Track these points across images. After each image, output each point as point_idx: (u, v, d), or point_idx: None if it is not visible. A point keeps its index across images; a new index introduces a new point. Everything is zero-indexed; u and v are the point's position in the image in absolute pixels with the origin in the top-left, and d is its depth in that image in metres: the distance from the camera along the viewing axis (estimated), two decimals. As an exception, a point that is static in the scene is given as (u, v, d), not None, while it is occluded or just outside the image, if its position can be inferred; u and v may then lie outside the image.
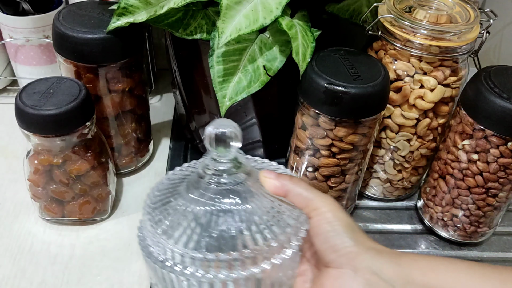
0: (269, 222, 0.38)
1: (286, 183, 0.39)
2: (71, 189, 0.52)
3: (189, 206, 0.39)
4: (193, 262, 0.36)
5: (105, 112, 0.57)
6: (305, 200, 0.39)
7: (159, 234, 0.37)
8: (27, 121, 0.47)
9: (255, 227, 0.38)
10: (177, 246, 0.36)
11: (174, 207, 0.39)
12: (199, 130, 0.63)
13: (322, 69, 0.47)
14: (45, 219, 0.55)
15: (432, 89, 0.51)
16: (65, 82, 0.50)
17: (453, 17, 0.51)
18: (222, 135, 0.38)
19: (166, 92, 0.78)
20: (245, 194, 0.39)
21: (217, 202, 0.38)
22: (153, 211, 0.39)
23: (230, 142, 0.38)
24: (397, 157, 0.57)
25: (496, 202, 0.53)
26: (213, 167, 0.39)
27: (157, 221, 0.38)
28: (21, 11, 0.68)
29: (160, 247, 0.37)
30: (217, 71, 0.48)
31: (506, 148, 0.48)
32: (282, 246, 0.38)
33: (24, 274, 0.50)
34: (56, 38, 0.52)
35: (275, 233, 0.38)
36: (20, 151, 0.62)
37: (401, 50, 0.50)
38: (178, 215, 0.38)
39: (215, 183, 0.39)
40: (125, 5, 0.48)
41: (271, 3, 0.46)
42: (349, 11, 0.54)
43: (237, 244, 0.37)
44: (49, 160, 0.50)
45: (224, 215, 0.38)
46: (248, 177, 0.40)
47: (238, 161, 0.40)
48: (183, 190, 0.40)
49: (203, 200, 0.39)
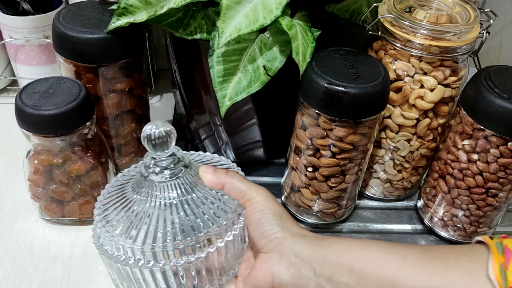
0: (211, 210, 0.42)
1: (222, 177, 0.43)
2: (71, 189, 0.52)
3: (136, 204, 0.42)
4: (143, 254, 0.40)
5: (105, 112, 0.57)
6: (240, 191, 0.43)
7: (109, 232, 0.41)
8: (27, 121, 0.47)
9: (199, 216, 0.42)
10: (127, 241, 0.40)
11: (123, 206, 0.43)
12: (199, 130, 0.63)
13: (322, 69, 0.47)
14: (45, 219, 0.55)
15: (432, 89, 0.51)
16: (65, 82, 0.50)
17: (453, 17, 0.51)
18: (156, 135, 0.41)
19: (166, 92, 0.78)
20: (187, 186, 0.43)
21: (160, 197, 0.42)
22: (103, 212, 0.43)
23: (165, 140, 0.42)
24: (397, 157, 0.57)
25: (496, 202, 0.53)
26: (153, 165, 0.43)
27: (108, 221, 0.42)
28: (21, 11, 0.68)
29: (113, 244, 0.41)
30: (217, 71, 0.48)
31: (506, 148, 0.48)
32: (225, 231, 0.42)
33: (24, 274, 0.50)
34: (56, 38, 0.52)
35: (217, 220, 0.42)
36: (20, 151, 0.62)
37: (401, 50, 0.50)
38: (127, 214, 0.42)
39: (156, 180, 0.42)
40: (125, 5, 0.48)
41: (271, 3, 0.46)
42: (349, 11, 0.54)
43: (183, 233, 0.40)
44: (49, 160, 0.50)
45: (169, 208, 0.42)
46: (188, 171, 0.44)
47: (177, 157, 0.43)
48: (130, 190, 0.44)
49: (147, 197, 0.42)
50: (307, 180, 0.54)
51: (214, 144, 0.63)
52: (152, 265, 0.40)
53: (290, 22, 0.47)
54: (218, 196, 0.44)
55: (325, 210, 0.56)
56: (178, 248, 0.40)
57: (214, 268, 0.43)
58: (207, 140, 0.63)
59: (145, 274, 0.41)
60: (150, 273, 0.41)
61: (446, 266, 0.36)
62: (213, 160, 0.48)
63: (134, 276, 0.42)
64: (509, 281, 0.33)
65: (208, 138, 0.63)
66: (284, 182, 0.59)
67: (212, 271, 0.44)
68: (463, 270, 0.36)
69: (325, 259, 0.39)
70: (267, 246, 0.41)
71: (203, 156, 0.49)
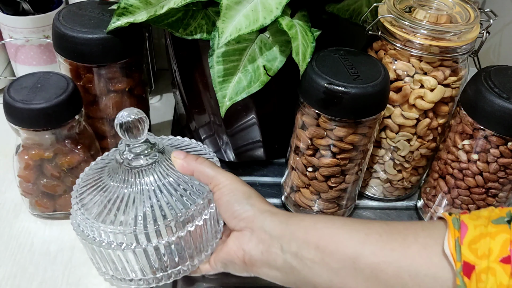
0: (186, 191, 0.45)
1: (192, 163, 0.45)
2: (63, 182, 0.52)
3: (112, 189, 0.44)
4: (116, 236, 0.42)
5: (105, 112, 0.57)
6: (208, 177, 0.44)
7: (84, 215, 0.43)
8: (18, 116, 0.47)
9: (172, 199, 0.44)
10: (103, 224, 0.42)
11: (99, 191, 0.45)
12: (199, 130, 0.63)
13: (322, 69, 0.47)
14: (36, 215, 0.55)
15: (432, 89, 0.51)
16: (51, 76, 0.50)
17: (453, 17, 0.51)
18: (128, 123, 0.43)
19: (166, 92, 0.78)
20: (162, 171, 0.45)
21: (137, 183, 0.44)
22: (80, 195, 0.45)
23: (138, 127, 0.43)
24: (397, 157, 0.57)
25: (496, 202, 0.53)
26: (128, 151, 0.45)
27: (85, 206, 0.44)
28: (21, 11, 0.68)
29: (89, 227, 0.43)
30: (217, 71, 0.48)
31: (506, 148, 0.48)
32: (200, 211, 0.44)
33: (24, 274, 0.50)
34: (56, 38, 0.52)
35: (194, 200, 0.44)
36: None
37: (401, 50, 0.50)
38: (103, 198, 0.44)
39: (131, 166, 0.44)
40: (125, 5, 0.48)
41: (271, 3, 0.46)
42: (349, 11, 0.54)
43: (156, 216, 0.43)
44: (40, 154, 0.50)
45: (146, 193, 0.44)
46: (163, 156, 0.46)
47: (150, 143, 0.45)
48: (106, 176, 0.46)
49: (123, 184, 0.44)
50: (307, 180, 0.54)
51: (214, 144, 0.63)
52: (135, 247, 0.43)
53: (290, 22, 0.47)
54: (190, 181, 0.46)
55: (325, 210, 0.56)
56: (159, 230, 0.43)
57: (191, 246, 0.45)
58: (207, 140, 0.63)
59: (129, 256, 0.43)
60: (133, 254, 0.43)
61: (405, 242, 0.37)
62: (190, 146, 0.50)
63: (116, 258, 0.44)
64: (463, 256, 0.34)
65: (208, 138, 0.63)
66: (284, 182, 0.59)
67: (189, 250, 0.46)
68: (420, 245, 0.36)
69: (292, 236, 0.40)
70: (239, 225, 0.43)
71: (180, 142, 0.51)
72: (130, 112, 0.43)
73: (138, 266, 0.45)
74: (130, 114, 0.43)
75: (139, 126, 0.43)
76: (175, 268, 0.46)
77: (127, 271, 0.45)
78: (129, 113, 0.43)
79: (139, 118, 0.43)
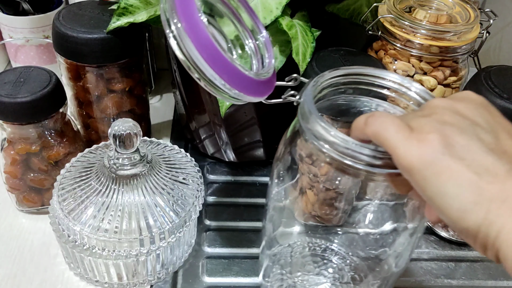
0: (170, 202, 0.46)
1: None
2: (50, 176, 0.52)
3: (95, 193, 0.45)
4: (95, 241, 0.43)
5: (105, 112, 0.57)
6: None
7: (66, 216, 0.44)
8: (4, 110, 0.47)
9: (156, 211, 0.45)
10: (83, 228, 0.43)
11: (82, 193, 0.45)
12: (199, 130, 0.63)
13: (322, 69, 0.47)
14: (23, 211, 0.55)
15: (432, 89, 0.51)
16: (33, 70, 0.50)
17: (453, 17, 0.51)
18: (122, 136, 0.43)
19: (166, 92, 0.78)
20: (145, 184, 0.46)
21: (118, 190, 0.45)
22: (63, 195, 0.45)
23: (130, 141, 0.44)
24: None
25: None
26: (116, 158, 0.45)
27: (67, 207, 0.45)
28: (21, 11, 0.68)
29: (69, 229, 0.44)
30: (217, 71, 0.48)
31: (506, 148, 0.48)
32: (177, 228, 0.46)
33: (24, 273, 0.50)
34: (56, 38, 0.52)
35: (172, 217, 0.45)
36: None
37: (401, 50, 0.50)
38: (85, 201, 0.45)
39: (117, 174, 0.45)
40: (125, 5, 0.48)
41: (271, 3, 0.46)
42: (349, 11, 0.54)
43: (140, 227, 0.44)
44: (27, 148, 0.50)
45: (124, 202, 0.45)
46: (150, 168, 0.46)
47: (140, 154, 0.46)
48: (92, 178, 0.46)
49: (105, 189, 0.45)
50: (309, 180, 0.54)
51: (214, 144, 0.63)
52: (116, 256, 0.44)
53: (290, 22, 0.47)
54: (177, 189, 0.47)
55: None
56: (138, 240, 0.44)
57: (168, 256, 0.47)
58: (207, 140, 0.63)
59: (109, 264, 0.45)
60: (104, 262, 0.45)
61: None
62: (177, 155, 0.52)
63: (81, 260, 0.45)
64: None
65: (208, 138, 0.63)
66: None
67: (165, 259, 0.47)
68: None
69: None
70: None
71: (168, 149, 0.52)
72: (125, 124, 0.44)
73: (107, 272, 0.46)
74: (125, 127, 0.43)
75: (132, 139, 0.44)
76: (146, 277, 0.48)
77: (94, 274, 0.47)
78: (124, 125, 0.44)
79: (133, 133, 0.44)
